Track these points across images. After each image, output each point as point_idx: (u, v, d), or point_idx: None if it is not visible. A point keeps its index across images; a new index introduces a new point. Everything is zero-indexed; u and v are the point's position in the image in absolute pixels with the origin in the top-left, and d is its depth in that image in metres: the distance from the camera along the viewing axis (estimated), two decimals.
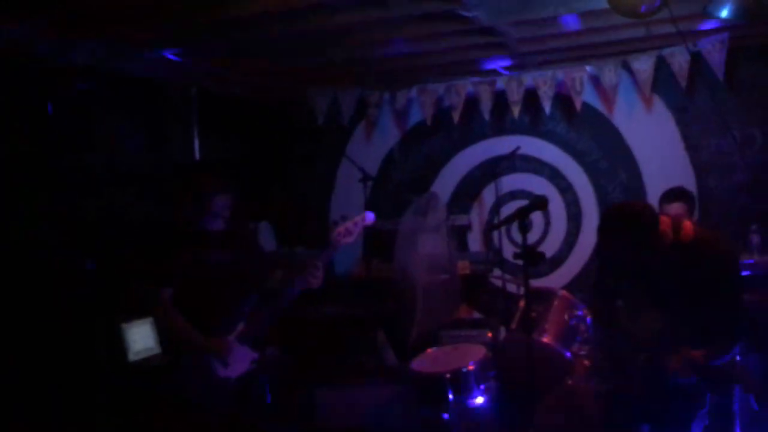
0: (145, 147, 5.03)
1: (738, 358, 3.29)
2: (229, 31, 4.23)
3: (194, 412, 3.33)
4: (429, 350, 4.43)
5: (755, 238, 5.04)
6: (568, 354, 4.26)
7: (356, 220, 3.61)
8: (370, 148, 6.52)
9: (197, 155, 5.54)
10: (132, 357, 4.36)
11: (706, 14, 3.57)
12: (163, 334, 3.53)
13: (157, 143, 5.14)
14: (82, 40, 4.13)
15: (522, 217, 3.14)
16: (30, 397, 3.84)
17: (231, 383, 3.42)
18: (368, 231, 4.34)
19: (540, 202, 3.28)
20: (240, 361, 3.46)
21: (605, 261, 3.45)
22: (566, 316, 4.40)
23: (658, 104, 5.71)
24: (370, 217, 3.63)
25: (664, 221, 3.10)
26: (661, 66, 5.27)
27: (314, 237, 6.40)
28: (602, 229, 3.14)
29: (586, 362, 4.23)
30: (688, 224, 3.14)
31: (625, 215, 3.10)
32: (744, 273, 4.09)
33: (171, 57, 4.62)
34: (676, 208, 4.16)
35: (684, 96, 5.53)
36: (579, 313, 4.42)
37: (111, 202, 4.63)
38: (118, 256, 4.50)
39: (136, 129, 4.99)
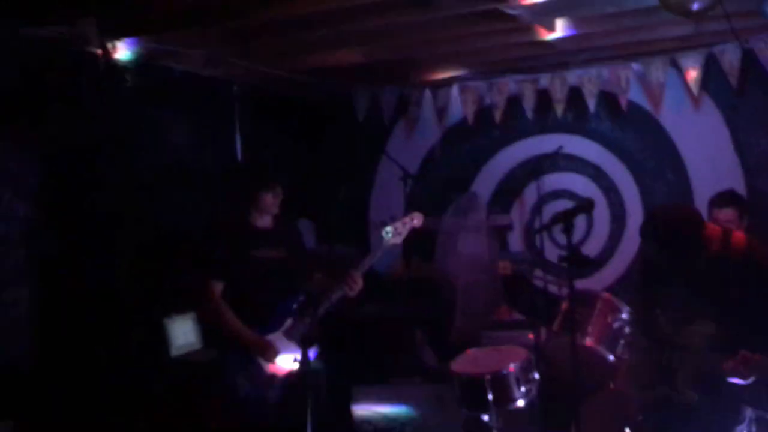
0: (189, 144, 5.08)
1: None
2: (273, 32, 4.25)
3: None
4: (469, 351, 4.39)
5: None
6: (611, 357, 4.19)
7: (405, 220, 3.62)
8: (411, 146, 6.48)
9: (239, 152, 5.58)
10: (174, 352, 4.42)
11: (761, 13, 3.47)
12: (212, 328, 3.57)
13: (200, 140, 5.18)
14: (128, 39, 4.19)
15: (567, 220, 3.09)
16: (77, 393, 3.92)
17: (278, 380, 3.45)
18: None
19: (586, 205, 3.23)
20: (287, 358, 3.49)
21: (649, 266, 3.38)
22: (609, 319, 4.31)
23: (707, 103, 5.55)
24: (418, 218, 3.63)
25: (713, 229, 3.04)
26: (711, 64, 5.14)
27: (354, 235, 6.41)
28: (644, 231, 3.09)
29: (627, 361, 4.16)
30: (739, 235, 3.07)
31: (669, 217, 3.05)
32: None
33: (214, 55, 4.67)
34: (727, 213, 4.04)
35: (734, 95, 5.38)
36: (623, 316, 4.33)
37: (156, 198, 4.69)
38: (168, 252, 4.56)
39: (181, 125, 5.04)
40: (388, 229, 3.59)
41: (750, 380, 2.95)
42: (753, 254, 3.01)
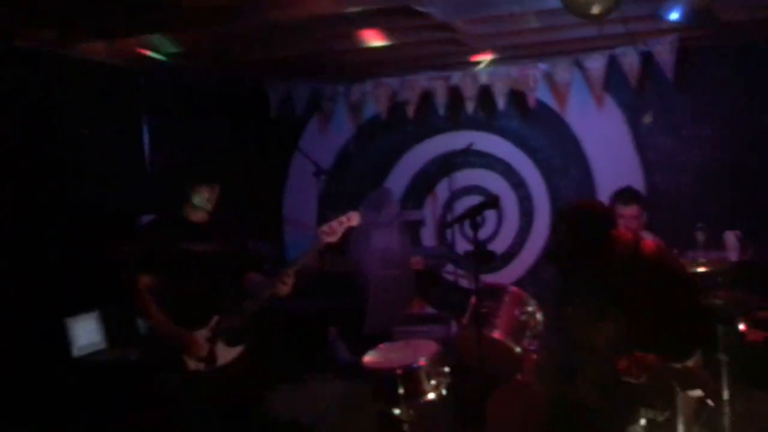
0: (92, 135, 4.88)
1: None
2: (184, 22, 4.15)
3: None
4: (381, 345, 4.42)
5: (700, 236, 5.14)
6: (518, 349, 4.30)
7: (341, 219, 3.60)
8: (325, 142, 6.47)
9: (146, 145, 5.41)
10: (76, 352, 4.26)
11: (657, 17, 3.62)
12: (141, 322, 3.50)
13: (105, 131, 4.99)
14: (28, 26, 4.01)
15: (474, 216, 3.15)
16: None
17: (202, 377, 3.39)
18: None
19: (491, 202, 3.30)
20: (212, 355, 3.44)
21: (561, 264, 3.47)
22: (516, 312, 4.43)
23: (610, 103, 5.79)
24: (354, 217, 3.62)
25: (624, 233, 3.15)
26: (613, 65, 5.36)
27: (267, 231, 6.34)
28: (555, 224, 3.17)
29: (535, 357, 4.28)
30: (649, 242, 3.19)
31: (580, 210, 3.14)
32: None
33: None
34: (632, 210, 4.19)
35: (635, 95, 5.62)
36: (529, 308, 4.45)
37: (59, 191, 4.50)
38: (70, 247, 4.39)
39: (84, 116, 4.84)
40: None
41: (642, 380, 3.08)
42: (661, 261, 3.13)
